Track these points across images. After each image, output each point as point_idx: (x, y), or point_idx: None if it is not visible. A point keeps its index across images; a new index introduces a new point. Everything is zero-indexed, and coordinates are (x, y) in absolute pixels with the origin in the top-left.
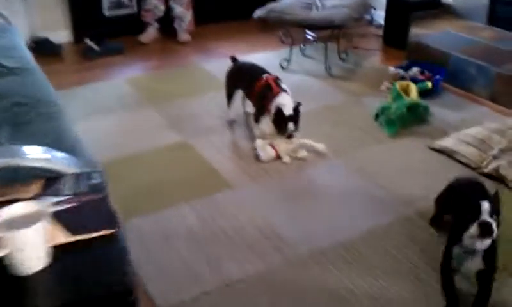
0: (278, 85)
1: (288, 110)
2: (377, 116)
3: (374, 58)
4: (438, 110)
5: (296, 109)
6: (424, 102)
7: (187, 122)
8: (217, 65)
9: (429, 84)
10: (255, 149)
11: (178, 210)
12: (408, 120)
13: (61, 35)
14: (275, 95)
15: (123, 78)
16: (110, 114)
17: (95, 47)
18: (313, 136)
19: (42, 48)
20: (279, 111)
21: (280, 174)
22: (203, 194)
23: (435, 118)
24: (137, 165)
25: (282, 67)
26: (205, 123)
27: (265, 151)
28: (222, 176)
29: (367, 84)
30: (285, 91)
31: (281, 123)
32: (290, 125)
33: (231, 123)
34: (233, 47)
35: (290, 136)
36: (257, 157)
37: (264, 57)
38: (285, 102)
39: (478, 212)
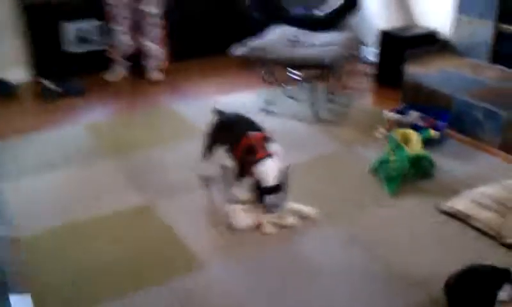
0: (263, 147)
1: (268, 182)
2: (375, 170)
3: (366, 100)
4: (444, 162)
5: (283, 179)
6: (428, 154)
7: (152, 178)
8: (190, 107)
9: (433, 132)
10: (228, 214)
11: (129, 303)
12: (411, 175)
13: (18, 73)
14: (258, 160)
15: (82, 124)
16: (60, 169)
17: (53, 87)
18: (300, 195)
19: None
20: (257, 183)
21: (260, 247)
22: (164, 278)
23: (441, 172)
24: (82, 238)
25: (265, 110)
26: (174, 179)
27: (240, 217)
28: (189, 251)
29: (360, 130)
30: (269, 155)
31: (260, 196)
32: (269, 199)
33: (205, 181)
34: (210, 87)
35: (270, 211)
36: (230, 226)
37: (244, 98)
38: (268, 171)
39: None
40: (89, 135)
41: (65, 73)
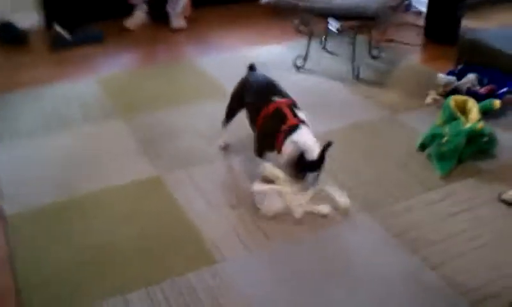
0: (295, 114)
1: (311, 155)
2: (423, 146)
3: (414, 56)
4: (507, 139)
5: (322, 154)
6: (489, 129)
7: (166, 144)
8: (213, 61)
9: (497, 102)
10: (253, 195)
11: (134, 300)
12: (467, 153)
13: (29, 18)
14: (291, 129)
15: (96, 78)
16: (65, 131)
17: (66, 35)
18: (331, 174)
19: (3, 35)
20: (300, 156)
21: (287, 239)
22: (172, 273)
23: (504, 150)
24: (80, 218)
25: (297, 66)
26: (190, 147)
27: (269, 201)
28: (203, 240)
29: (407, 94)
30: (303, 122)
31: (300, 172)
32: (312, 177)
33: (225, 149)
34: (235, 38)
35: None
36: (255, 208)
37: (274, 51)
38: (308, 142)
39: None
40: (102, 91)
41: (80, 19)
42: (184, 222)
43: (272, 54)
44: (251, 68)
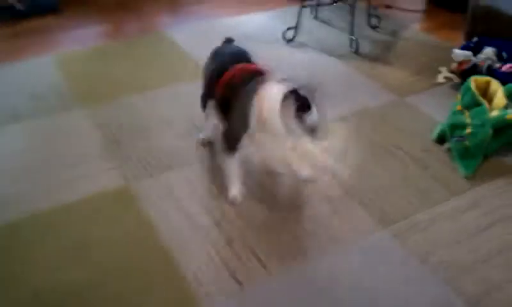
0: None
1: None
2: (440, 137)
3: (416, 25)
4: None
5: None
6: None
7: (137, 143)
8: (191, 33)
9: None
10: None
11: None
12: (494, 147)
13: None
14: (261, 82)
15: (51, 57)
16: (12, 126)
17: (17, 5)
18: (338, 175)
19: None
20: (294, 93)
21: (289, 264)
22: None
23: None
24: (18, 251)
25: (286, 38)
26: (165, 144)
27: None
28: (182, 274)
29: (414, 71)
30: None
31: (299, 111)
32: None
33: (206, 146)
34: (216, 4)
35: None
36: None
37: (260, 20)
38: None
39: None
40: (59, 73)
41: None
42: (158, 250)
43: (257, 24)
44: (228, 41)
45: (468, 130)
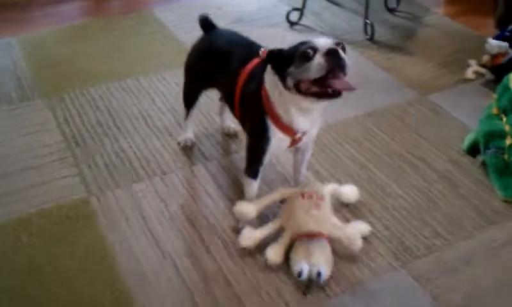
0: None
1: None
2: (472, 147)
3: (441, 10)
4: None
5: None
6: None
7: (106, 142)
8: (184, 15)
9: None
10: (237, 228)
11: None
12: None
13: None
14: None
15: (13, 39)
16: None
17: None
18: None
19: None
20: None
21: None
22: None
23: None
24: None
25: (290, 21)
26: (140, 146)
27: (249, 235)
28: None
29: (439, 64)
30: None
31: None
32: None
33: (189, 147)
34: None
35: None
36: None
37: (260, 2)
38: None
39: None
40: (22, 59)
41: None
42: (112, 288)
43: (257, 4)
44: (205, 22)
45: (509, 141)
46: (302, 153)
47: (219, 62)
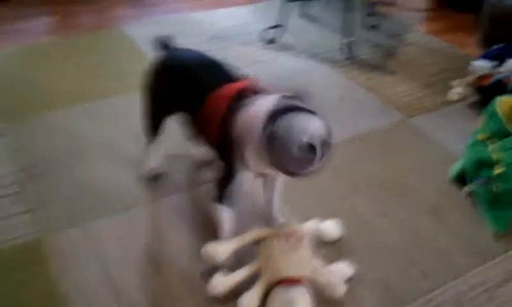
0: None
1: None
2: (460, 176)
3: (422, 27)
4: None
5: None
6: None
7: (62, 174)
8: (155, 32)
9: None
10: (206, 273)
11: None
12: None
13: None
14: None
15: None
16: None
17: None
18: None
19: None
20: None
21: None
22: None
23: None
24: None
25: (268, 39)
26: (100, 178)
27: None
28: None
29: (422, 84)
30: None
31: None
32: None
33: (153, 180)
34: None
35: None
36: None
37: (235, 16)
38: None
39: None
40: None
41: None
42: None
43: (232, 20)
44: (165, 45)
45: (498, 170)
46: (272, 182)
47: (184, 84)
